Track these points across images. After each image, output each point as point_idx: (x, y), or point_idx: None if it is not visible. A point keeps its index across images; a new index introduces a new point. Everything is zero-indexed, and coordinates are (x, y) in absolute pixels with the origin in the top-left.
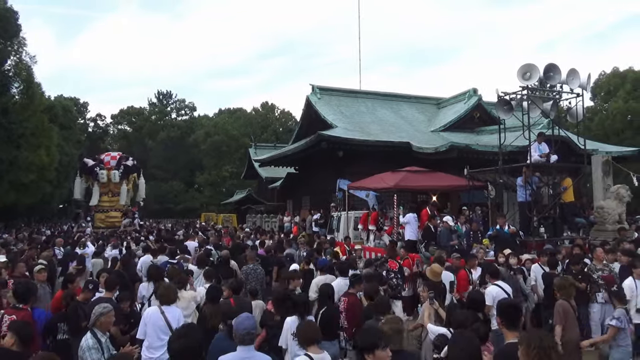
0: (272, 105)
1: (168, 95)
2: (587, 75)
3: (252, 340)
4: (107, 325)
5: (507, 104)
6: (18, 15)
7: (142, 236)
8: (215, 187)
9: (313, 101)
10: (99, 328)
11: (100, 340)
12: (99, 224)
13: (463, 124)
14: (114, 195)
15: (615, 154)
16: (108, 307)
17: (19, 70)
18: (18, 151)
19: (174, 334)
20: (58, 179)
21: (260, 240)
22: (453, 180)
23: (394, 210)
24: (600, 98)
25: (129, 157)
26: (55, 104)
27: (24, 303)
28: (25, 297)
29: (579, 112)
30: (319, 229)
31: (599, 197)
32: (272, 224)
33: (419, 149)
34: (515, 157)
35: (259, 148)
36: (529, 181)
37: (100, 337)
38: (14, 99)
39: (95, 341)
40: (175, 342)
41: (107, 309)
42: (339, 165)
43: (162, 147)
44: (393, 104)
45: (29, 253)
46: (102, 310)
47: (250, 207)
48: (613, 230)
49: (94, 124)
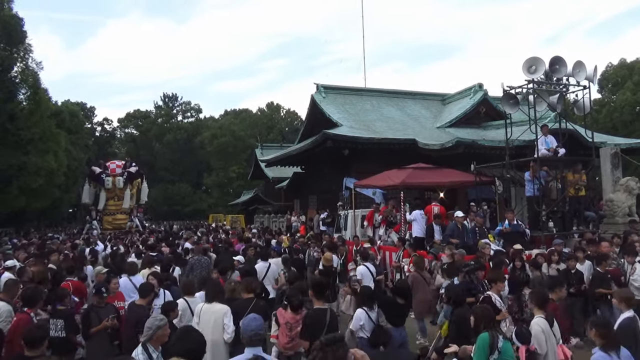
0: (277, 105)
1: (174, 98)
2: (594, 67)
3: (259, 342)
4: (163, 340)
5: (513, 98)
6: (24, 22)
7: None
8: (223, 188)
9: (318, 100)
10: (153, 343)
11: (152, 356)
12: (107, 226)
13: (469, 120)
14: (119, 200)
15: (624, 146)
16: (164, 319)
17: (26, 76)
18: (26, 157)
19: (175, 336)
20: (67, 184)
21: (266, 239)
22: (460, 176)
23: (401, 208)
24: (608, 90)
25: (133, 163)
26: (63, 109)
27: (30, 307)
28: (30, 302)
29: (586, 104)
30: (326, 228)
31: (608, 190)
32: (279, 223)
33: (425, 145)
34: (522, 151)
35: (265, 148)
36: (536, 175)
37: (152, 353)
38: (21, 105)
39: (148, 357)
40: (175, 345)
41: (163, 321)
42: (345, 163)
43: (169, 150)
44: (398, 101)
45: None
46: (159, 323)
47: (258, 207)
48: (623, 223)
49: (101, 128)
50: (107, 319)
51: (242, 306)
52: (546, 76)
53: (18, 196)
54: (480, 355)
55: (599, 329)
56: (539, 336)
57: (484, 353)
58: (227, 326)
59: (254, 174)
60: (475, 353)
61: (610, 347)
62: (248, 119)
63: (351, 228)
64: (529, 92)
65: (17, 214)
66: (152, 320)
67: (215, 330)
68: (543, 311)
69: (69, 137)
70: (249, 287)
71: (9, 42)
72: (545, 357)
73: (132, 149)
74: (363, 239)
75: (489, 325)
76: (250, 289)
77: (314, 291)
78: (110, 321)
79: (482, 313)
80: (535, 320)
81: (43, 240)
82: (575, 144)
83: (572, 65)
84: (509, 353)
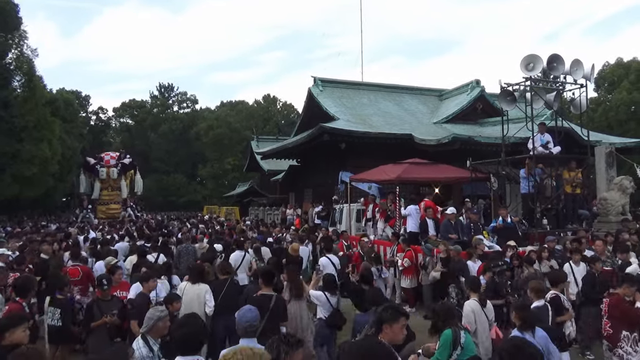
0: (274, 97)
1: (170, 88)
2: (591, 66)
3: (254, 333)
4: (163, 332)
5: (510, 95)
6: (19, 8)
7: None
8: (218, 179)
9: (315, 93)
10: (152, 334)
11: (153, 349)
12: (101, 215)
13: (466, 116)
14: (113, 190)
15: (619, 145)
16: (165, 311)
17: (20, 63)
18: (20, 144)
19: (176, 323)
20: (61, 172)
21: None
22: (455, 172)
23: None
24: (604, 89)
25: (127, 155)
26: (57, 97)
27: (22, 297)
28: (22, 291)
29: (582, 103)
30: (321, 222)
31: (602, 189)
32: (274, 216)
33: (421, 140)
34: (518, 148)
35: (261, 141)
36: (531, 173)
37: (153, 345)
38: (15, 92)
39: (149, 350)
40: (177, 331)
41: (164, 312)
42: (341, 157)
43: (164, 140)
44: (395, 96)
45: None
46: (160, 314)
47: (253, 199)
48: (616, 221)
49: (96, 117)
50: (107, 314)
51: (219, 284)
52: (544, 74)
53: (11, 184)
54: (443, 352)
55: (518, 312)
56: (469, 315)
57: (447, 349)
58: (208, 300)
59: (249, 166)
60: (439, 349)
61: (526, 328)
62: (244, 110)
63: (346, 222)
64: (526, 89)
65: (11, 202)
66: (153, 311)
67: (200, 305)
68: (477, 295)
69: (63, 126)
70: (224, 269)
71: (4, 29)
72: (475, 332)
73: (127, 139)
74: (359, 232)
75: (451, 322)
76: (226, 271)
77: (262, 278)
78: (110, 317)
79: (443, 310)
80: (468, 302)
81: (37, 229)
82: (571, 142)
83: (570, 64)
84: (470, 347)
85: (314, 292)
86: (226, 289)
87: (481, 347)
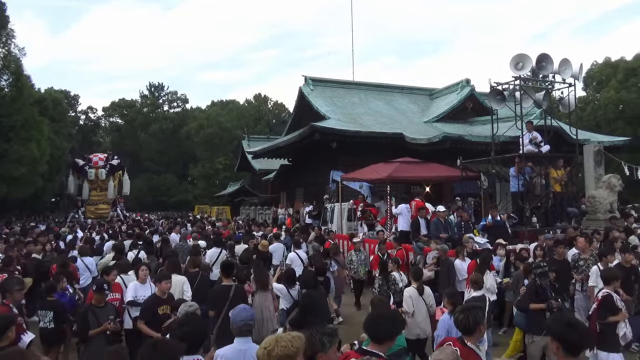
0: (265, 97)
1: (160, 88)
2: (579, 65)
3: (249, 332)
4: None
5: (500, 94)
6: (6, 7)
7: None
8: (209, 179)
9: (306, 92)
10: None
11: None
12: (89, 215)
13: (456, 115)
14: (102, 190)
15: (607, 144)
16: (194, 305)
17: (8, 62)
18: (8, 144)
19: (178, 322)
20: (50, 173)
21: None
22: (446, 170)
23: (388, 202)
24: (592, 88)
25: (115, 156)
26: (46, 96)
27: (7, 299)
28: (6, 293)
29: (571, 102)
30: (312, 221)
31: (590, 187)
32: (265, 216)
33: (412, 139)
34: (508, 147)
35: (252, 140)
36: (521, 171)
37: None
38: (2, 91)
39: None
40: (178, 329)
41: (192, 307)
42: (333, 156)
43: (154, 140)
44: (386, 95)
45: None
46: (188, 309)
47: (244, 199)
48: (605, 219)
49: (85, 116)
50: (109, 322)
51: (191, 277)
52: (533, 73)
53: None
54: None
55: (449, 298)
56: (407, 300)
57: None
58: (186, 291)
59: (240, 165)
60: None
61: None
62: (235, 110)
63: (337, 221)
64: (515, 88)
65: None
66: (182, 307)
67: (178, 293)
68: (417, 283)
69: (52, 126)
70: (194, 263)
71: None
72: (414, 314)
73: (117, 139)
74: (350, 232)
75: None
76: (195, 264)
77: (222, 271)
78: (113, 325)
79: (377, 302)
80: (407, 289)
81: (25, 230)
82: (560, 140)
83: (559, 63)
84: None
85: (276, 285)
86: (198, 281)
87: (419, 328)
